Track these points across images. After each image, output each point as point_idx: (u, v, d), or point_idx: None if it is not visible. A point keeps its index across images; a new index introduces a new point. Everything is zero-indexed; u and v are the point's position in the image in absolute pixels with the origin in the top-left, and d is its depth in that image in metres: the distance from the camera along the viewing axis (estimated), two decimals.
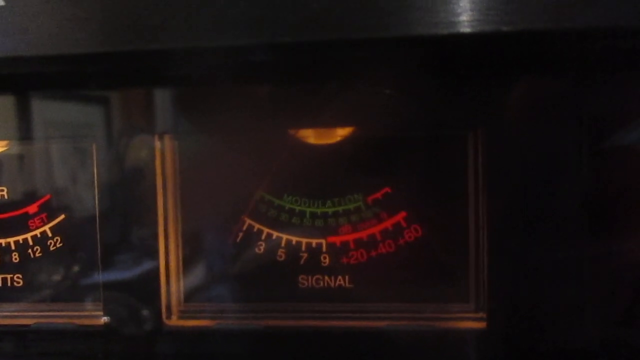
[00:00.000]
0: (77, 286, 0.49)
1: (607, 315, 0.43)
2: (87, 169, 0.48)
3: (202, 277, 0.48)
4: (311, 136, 0.46)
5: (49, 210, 0.49)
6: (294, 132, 0.46)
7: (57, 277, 0.49)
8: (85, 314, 0.49)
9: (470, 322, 0.45)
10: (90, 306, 0.49)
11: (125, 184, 0.46)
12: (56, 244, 0.49)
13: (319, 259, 0.47)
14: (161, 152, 0.46)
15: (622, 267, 0.43)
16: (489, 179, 0.43)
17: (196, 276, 0.48)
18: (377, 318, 0.46)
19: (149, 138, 0.46)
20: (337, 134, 0.46)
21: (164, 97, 0.45)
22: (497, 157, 0.42)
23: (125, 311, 0.47)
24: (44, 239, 0.49)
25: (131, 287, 0.47)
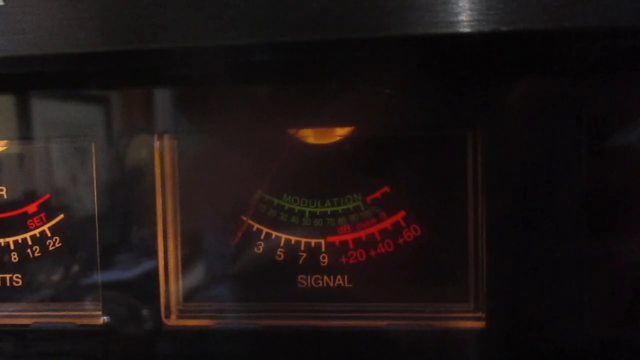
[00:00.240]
0: (76, 286, 0.49)
1: (607, 315, 0.43)
2: (86, 168, 0.48)
3: (202, 276, 0.48)
4: (311, 136, 0.46)
5: (48, 210, 0.49)
6: (294, 132, 0.46)
7: (57, 276, 0.49)
8: (85, 313, 0.49)
9: (470, 322, 0.45)
10: (90, 306, 0.49)
11: (125, 184, 0.46)
12: (55, 243, 0.49)
13: (318, 259, 0.47)
14: (160, 152, 0.46)
15: (621, 267, 0.43)
16: (488, 178, 0.43)
17: (195, 276, 0.48)
18: (376, 318, 0.46)
19: (149, 138, 0.46)
20: (336, 133, 0.46)
21: (163, 97, 0.45)
22: (497, 157, 0.42)
23: (125, 311, 0.47)
24: (43, 239, 0.49)
25: (130, 286, 0.47)
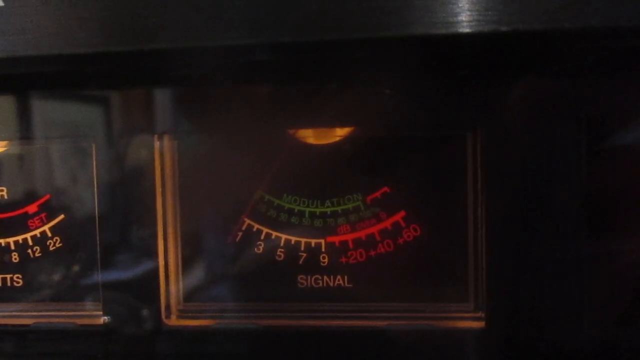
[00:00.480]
0: (76, 286, 0.49)
1: (607, 315, 0.43)
2: (86, 169, 0.48)
3: (202, 277, 0.48)
4: (311, 136, 0.46)
5: (48, 210, 0.49)
6: (294, 132, 0.46)
7: (57, 277, 0.49)
8: (85, 313, 0.49)
9: (469, 322, 0.45)
10: (90, 306, 0.49)
11: (125, 184, 0.46)
12: (56, 243, 0.49)
13: (318, 259, 0.47)
14: (160, 152, 0.46)
15: (621, 267, 0.43)
16: (487, 178, 0.43)
17: (195, 276, 0.48)
18: (376, 317, 0.46)
19: (149, 138, 0.46)
20: (336, 134, 0.46)
21: (163, 97, 0.45)
22: (496, 157, 0.42)
23: (125, 311, 0.47)
24: (43, 239, 0.49)
25: (131, 286, 0.47)
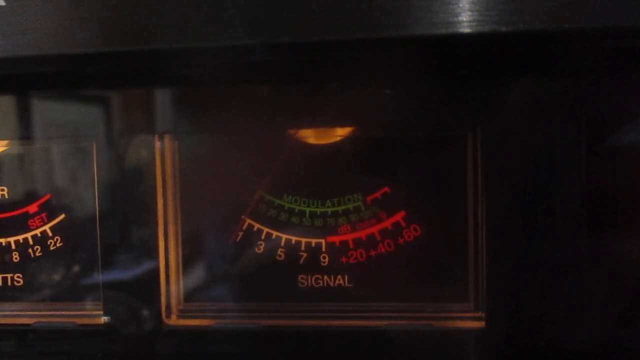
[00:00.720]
0: (77, 286, 0.49)
1: (607, 315, 0.43)
2: (87, 168, 0.48)
3: (202, 276, 0.48)
4: (311, 136, 0.46)
5: (49, 210, 0.49)
6: (294, 132, 0.46)
7: (57, 276, 0.50)
8: (85, 313, 0.49)
9: (469, 322, 0.45)
10: (90, 306, 0.49)
11: (126, 184, 0.46)
12: (56, 243, 0.49)
13: (318, 259, 0.47)
14: (161, 152, 0.46)
15: (621, 267, 0.43)
16: (488, 178, 0.43)
17: (196, 276, 0.48)
18: (376, 317, 0.46)
19: (149, 138, 0.46)
20: (336, 134, 0.46)
21: (164, 97, 0.45)
22: (496, 157, 0.42)
23: (125, 311, 0.47)
24: (44, 239, 0.49)
25: (131, 286, 0.47)
